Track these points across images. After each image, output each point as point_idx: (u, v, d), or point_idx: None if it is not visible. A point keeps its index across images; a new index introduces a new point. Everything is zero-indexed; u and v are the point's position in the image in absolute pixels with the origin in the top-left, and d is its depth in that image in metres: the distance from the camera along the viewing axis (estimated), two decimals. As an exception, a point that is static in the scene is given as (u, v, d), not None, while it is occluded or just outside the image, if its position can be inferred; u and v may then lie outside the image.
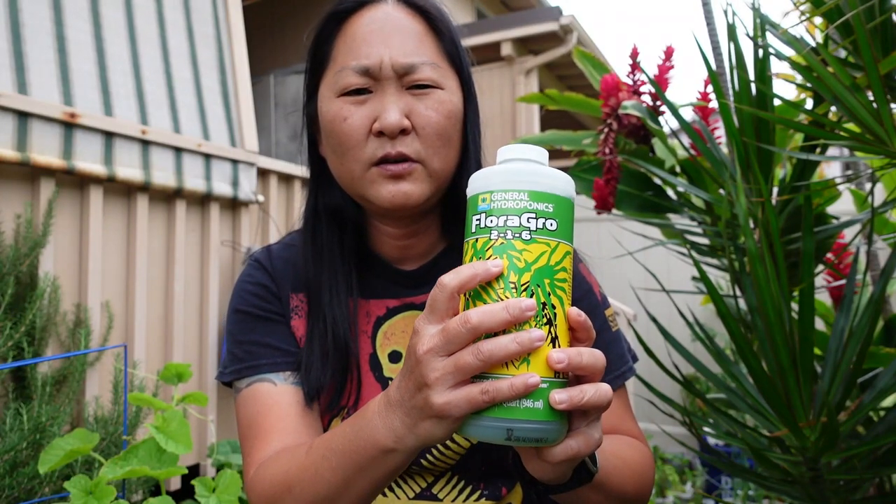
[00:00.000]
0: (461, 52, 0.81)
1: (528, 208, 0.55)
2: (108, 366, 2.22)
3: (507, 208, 0.55)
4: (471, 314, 0.51)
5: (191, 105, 2.63)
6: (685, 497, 3.24)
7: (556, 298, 0.54)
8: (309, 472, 0.65)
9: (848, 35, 0.98)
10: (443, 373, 0.51)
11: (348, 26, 0.77)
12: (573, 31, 5.87)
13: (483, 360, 0.50)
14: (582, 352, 0.53)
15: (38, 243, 1.99)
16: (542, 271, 0.54)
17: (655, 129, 1.35)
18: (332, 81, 0.77)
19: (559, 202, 0.56)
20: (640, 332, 0.96)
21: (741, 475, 1.06)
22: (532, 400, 0.52)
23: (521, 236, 0.54)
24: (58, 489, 1.78)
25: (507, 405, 0.52)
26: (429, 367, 0.52)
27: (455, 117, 0.78)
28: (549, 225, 0.55)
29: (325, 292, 0.81)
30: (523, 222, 0.54)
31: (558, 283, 0.55)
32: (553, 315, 0.54)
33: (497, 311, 0.51)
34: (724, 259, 1.31)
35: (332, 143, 0.77)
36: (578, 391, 0.52)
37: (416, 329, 0.55)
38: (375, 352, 0.83)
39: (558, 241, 0.55)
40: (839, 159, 1.14)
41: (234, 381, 0.83)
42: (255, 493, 0.73)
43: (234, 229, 2.82)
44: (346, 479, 0.62)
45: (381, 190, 0.75)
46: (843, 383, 0.93)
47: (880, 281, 0.96)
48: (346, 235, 0.84)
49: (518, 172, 0.56)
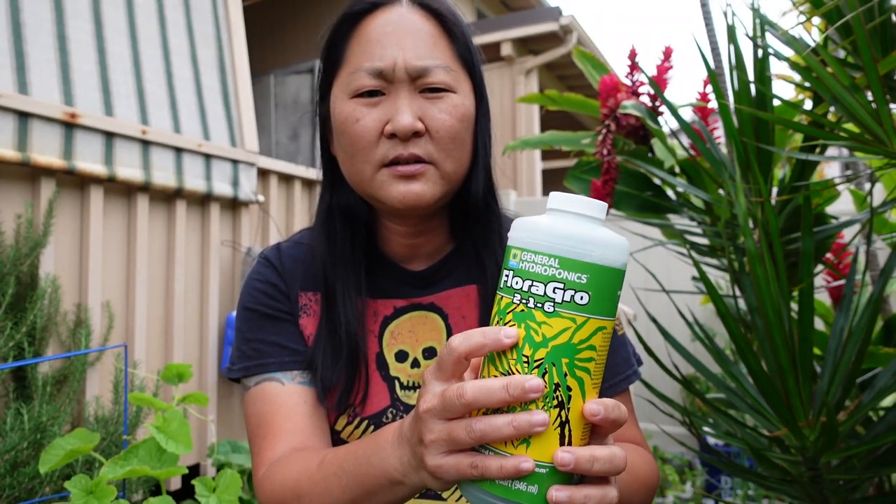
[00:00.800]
0: (474, 55, 0.81)
1: (556, 277, 0.48)
2: (108, 366, 2.22)
3: (533, 272, 0.49)
4: (466, 388, 0.48)
5: (191, 105, 2.63)
6: (685, 497, 3.24)
7: (575, 380, 0.49)
8: (319, 486, 0.66)
9: (847, 35, 0.98)
10: (437, 437, 0.50)
11: (362, 28, 0.77)
12: (573, 31, 5.87)
13: (474, 439, 0.48)
14: (596, 456, 0.48)
15: (38, 243, 1.99)
16: (560, 349, 0.48)
17: (655, 129, 1.35)
18: (346, 83, 0.77)
19: (597, 272, 0.49)
20: (641, 333, 0.96)
21: (741, 475, 1.06)
22: (526, 483, 0.48)
23: (544, 307, 0.49)
24: (58, 489, 1.78)
25: (499, 483, 0.49)
26: (426, 427, 0.51)
27: (468, 120, 0.78)
28: (578, 298, 0.48)
29: (340, 291, 0.82)
30: (548, 292, 0.48)
31: (580, 362, 0.49)
32: (567, 398, 0.49)
33: (496, 389, 0.48)
34: (723, 259, 1.31)
35: (344, 143, 0.77)
36: (582, 497, 0.49)
37: (424, 379, 0.54)
38: (382, 351, 0.84)
39: (588, 316, 0.49)
40: (838, 159, 1.14)
41: (243, 378, 0.84)
42: (265, 493, 0.74)
43: (234, 229, 2.83)
44: (353, 499, 0.63)
45: (391, 190, 0.75)
46: (843, 383, 0.93)
47: (880, 281, 0.96)
48: (357, 234, 0.84)
49: (554, 232, 0.49)
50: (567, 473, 0.49)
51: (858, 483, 0.96)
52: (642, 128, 1.43)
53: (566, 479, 0.50)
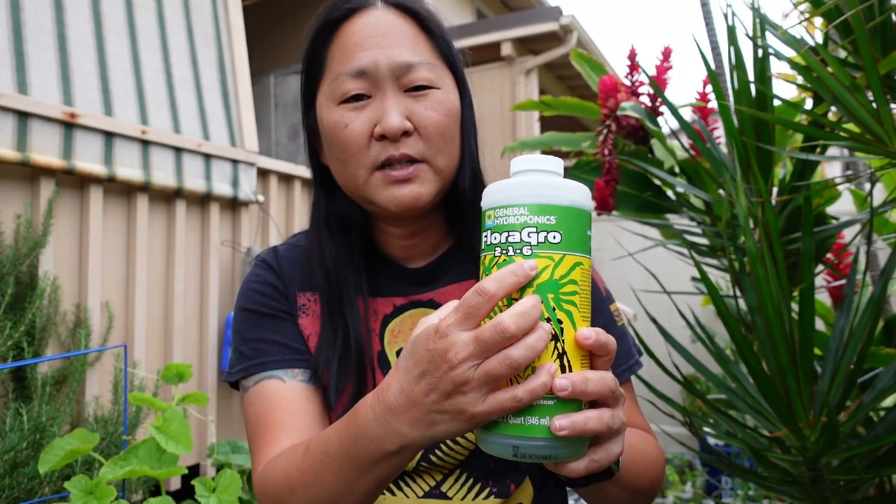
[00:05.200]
0: (454, 51, 0.82)
1: (528, 223, 0.53)
2: (108, 366, 2.22)
3: (508, 224, 0.54)
4: (504, 320, 0.50)
5: (191, 105, 2.63)
6: (685, 497, 3.24)
7: (564, 313, 0.53)
8: (309, 476, 0.65)
9: (848, 35, 0.98)
10: (477, 382, 0.51)
11: (341, 34, 0.78)
12: (573, 31, 5.87)
13: (512, 367, 0.50)
14: (588, 378, 0.52)
15: (38, 243, 1.99)
16: (545, 286, 0.52)
17: (654, 129, 1.35)
18: (330, 90, 0.77)
19: (564, 213, 0.54)
20: (640, 332, 0.96)
21: (741, 475, 1.06)
22: (538, 417, 0.52)
23: (522, 251, 0.53)
24: (58, 489, 1.78)
25: (514, 422, 0.52)
26: (461, 377, 0.52)
27: (455, 115, 0.79)
28: (551, 238, 0.53)
29: (342, 298, 0.81)
30: (524, 237, 0.53)
31: (565, 296, 0.53)
32: (560, 331, 0.52)
33: (528, 308, 0.50)
34: (724, 259, 1.31)
35: (335, 150, 0.77)
36: (582, 418, 0.51)
37: (441, 333, 0.53)
38: (384, 349, 0.84)
39: (563, 253, 0.53)
40: (839, 159, 1.14)
41: (242, 379, 0.83)
42: (262, 492, 0.73)
43: (234, 229, 2.82)
44: (349, 482, 0.62)
45: (387, 195, 0.75)
46: (843, 383, 0.93)
47: (880, 281, 0.96)
48: (354, 239, 0.84)
49: (520, 186, 0.55)
50: (574, 404, 0.52)
51: (859, 483, 0.96)
52: (642, 128, 1.43)
53: (569, 408, 0.53)
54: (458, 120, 0.80)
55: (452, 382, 0.52)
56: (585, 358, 0.54)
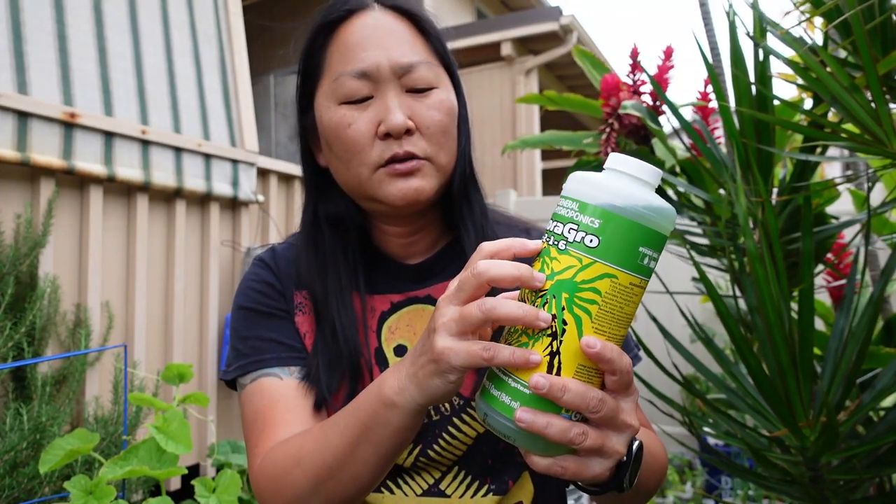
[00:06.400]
0: (447, 50, 0.84)
1: (574, 219, 0.52)
2: (108, 366, 2.22)
3: (559, 215, 0.54)
4: (486, 299, 0.53)
5: (191, 105, 2.63)
6: (685, 497, 3.24)
7: (571, 316, 0.51)
8: (320, 441, 0.67)
9: (847, 35, 0.98)
10: (448, 318, 0.54)
11: (339, 35, 0.78)
12: (573, 30, 5.87)
13: (484, 312, 0.52)
14: (568, 387, 0.51)
15: (38, 243, 1.99)
16: (562, 284, 0.52)
17: (655, 129, 1.35)
18: (330, 90, 0.78)
19: (612, 220, 0.51)
20: (640, 332, 0.95)
21: (741, 475, 1.06)
22: (510, 398, 0.53)
23: (558, 245, 0.53)
24: (58, 489, 1.78)
25: (493, 392, 0.54)
26: (438, 313, 0.55)
27: (453, 114, 0.80)
28: (587, 241, 0.51)
29: (332, 299, 0.81)
30: (564, 232, 0.53)
31: (580, 301, 0.51)
32: (561, 331, 0.52)
33: (513, 305, 0.52)
34: (723, 259, 1.31)
35: (338, 149, 0.78)
36: (545, 421, 0.51)
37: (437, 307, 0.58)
38: (381, 346, 0.84)
39: (594, 259, 0.51)
40: (838, 160, 1.14)
41: (238, 377, 0.83)
42: (263, 476, 0.72)
43: (234, 229, 2.83)
44: (351, 441, 0.63)
45: (390, 188, 0.76)
46: (843, 383, 0.93)
47: (880, 281, 0.96)
48: (348, 239, 0.84)
49: (586, 181, 0.53)
50: (549, 403, 0.52)
51: (859, 483, 0.96)
52: (643, 128, 1.43)
53: (546, 406, 0.52)
54: (456, 118, 0.81)
55: (432, 322, 0.56)
56: (591, 371, 0.53)
